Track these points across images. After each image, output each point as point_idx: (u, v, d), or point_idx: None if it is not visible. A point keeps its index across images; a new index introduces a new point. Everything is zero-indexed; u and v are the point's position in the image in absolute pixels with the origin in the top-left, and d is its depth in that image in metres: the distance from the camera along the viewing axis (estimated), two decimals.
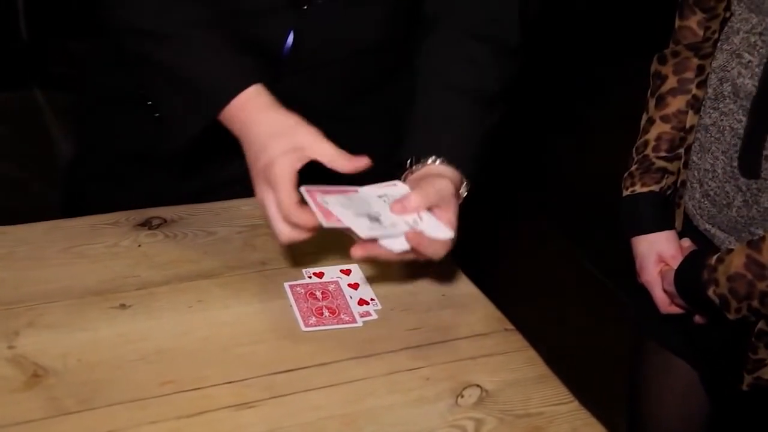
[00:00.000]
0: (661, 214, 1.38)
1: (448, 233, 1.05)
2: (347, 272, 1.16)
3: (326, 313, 1.09)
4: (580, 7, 4.31)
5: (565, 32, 3.98)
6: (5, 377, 0.94)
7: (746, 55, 1.23)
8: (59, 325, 1.01)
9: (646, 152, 1.40)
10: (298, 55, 1.21)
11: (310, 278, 1.14)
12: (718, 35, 1.29)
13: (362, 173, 1.05)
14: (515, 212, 3.16)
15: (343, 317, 1.08)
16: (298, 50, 1.21)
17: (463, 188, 1.13)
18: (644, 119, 1.42)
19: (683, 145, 1.36)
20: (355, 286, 1.14)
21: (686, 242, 1.36)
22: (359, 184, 1.08)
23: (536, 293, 2.78)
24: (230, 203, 1.28)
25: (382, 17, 1.24)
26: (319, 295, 1.11)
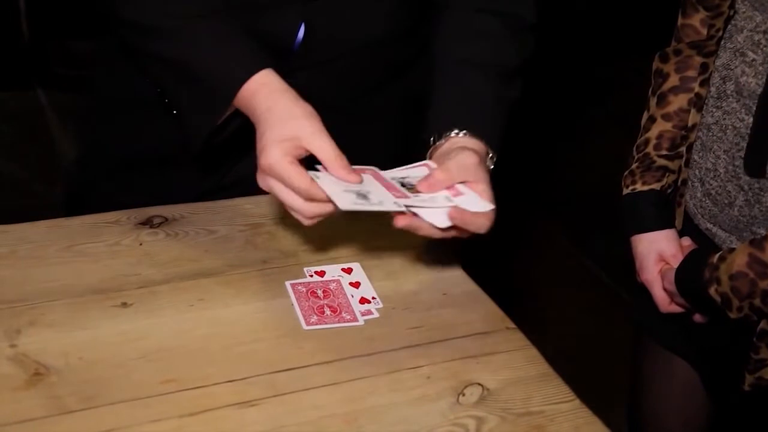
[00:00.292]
0: (661, 212, 1.38)
1: (487, 205, 1.04)
2: (348, 271, 1.16)
3: (327, 311, 1.09)
4: (580, 7, 4.31)
5: (565, 32, 3.97)
6: (7, 376, 0.94)
7: (750, 53, 1.23)
8: (61, 323, 1.01)
9: (647, 150, 1.39)
10: (308, 48, 1.21)
11: (311, 277, 1.14)
12: (722, 33, 1.28)
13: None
14: (516, 211, 3.16)
15: (344, 316, 1.08)
16: (308, 43, 1.20)
17: (489, 160, 1.13)
18: (645, 117, 1.42)
19: (684, 143, 1.36)
20: (356, 284, 1.14)
21: (686, 241, 1.36)
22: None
23: (537, 292, 2.78)
24: (231, 202, 1.28)
25: (391, 9, 1.24)
26: (320, 293, 1.11)
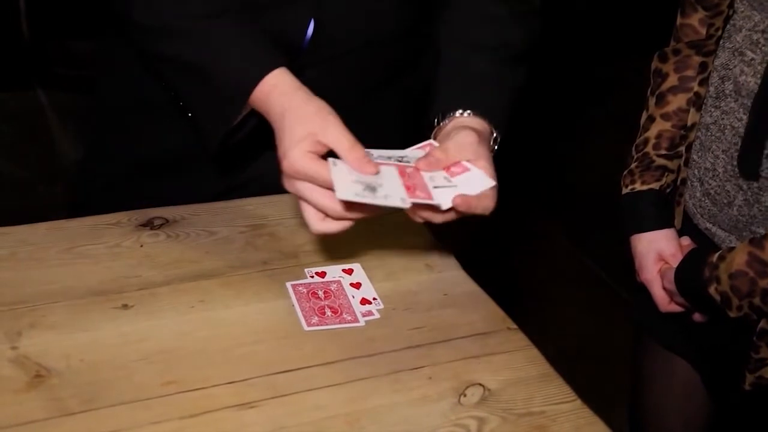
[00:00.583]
0: (660, 212, 1.38)
1: (489, 182, 1.03)
2: (349, 272, 1.16)
3: (328, 312, 1.09)
4: (580, 7, 4.31)
5: (565, 32, 3.97)
6: (8, 378, 0.94)
7: (748, 52, 1.23)
8: (61, 325, 1.01)
9: (646, 150, 1.39)
10: (318, 45, 1.20)
11: (312, 278, 1.14)
12: (721, 32, 1.28)
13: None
14: (517, 211, 3.16)
15: (345, 317, 1.08)
16: (318, 40, 1.20)
17: (493, 140, 1.13)
18: (644, 117, 1.42)
19: (683, 143, 1.36)
20: (357, 285, 1.14)
21: (686, 241, 1.36)
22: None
23: (538, 292, 2.78)
24: (232, 203, 1.28)
25: (399, 5, 1.24)
26: (321, 294, 1.11)
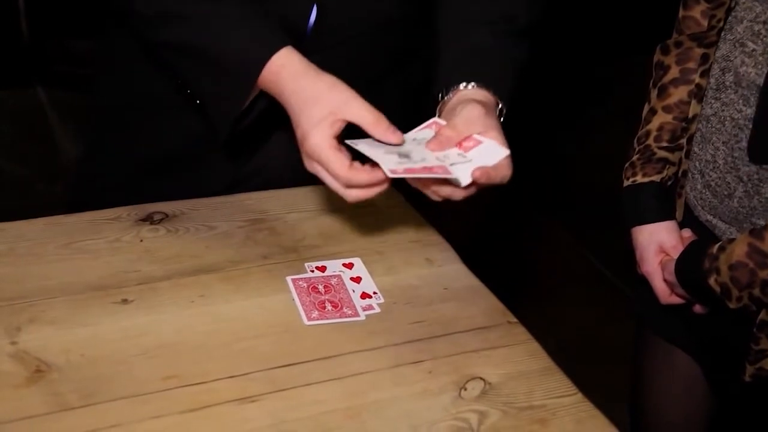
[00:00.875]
0: (662, 204, 1.38)
1: (503, 151, 1.05)
2: (349, 266, 1.16)
3: (329, 306, 1.08)
4: (580, 5, 4.30)
5: (565, 31, 3.97)
6: (8, 373, 0.93)
7: (750, 43, 1.23)
8: (61, 320, 1.01)
9: (647, 142, 1.39)
10: (320, 31, 1.20)
11: (312, 272, 1.14)
12: (722, 24, 1.28)
13: None
14: (518, 206, 3.16)
15: (345, 311, 1.08)
16: (320, 26, 1.19)
17: (498, 111, 1.13)
18: (646, 109, 1.42)
19: (685, 135, 1.36)
20: (357, 279, 1.14)
21: (687, 233, 1.36)
22: None
23: (539, 286, 2.78)
24: (232, 198, 1.28)
25: None
26: (321, 288, 1.11)
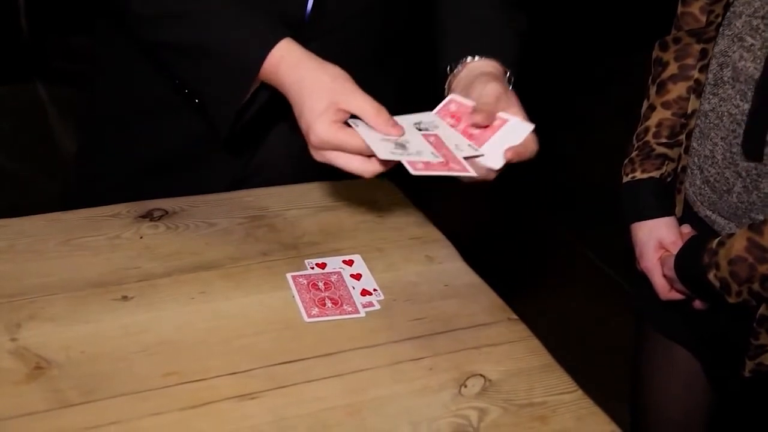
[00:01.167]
0: (661, 200, 1.38)
1: (528, 126, 1.07)
2: (350, 263, 1.16)
3: (329, 303, 1.08)
4: (580, 2, 4.30)
5: (565, 27, 3.97)
6: (8, 369, 0.93)
7: (748, 38, 1.23)
8: (61, 317, 1.01)
9: (646, 138, 1.39)
10: (318, 17, 1.20)
11: (312, 269, 1.14)
12: (721, 19, 1.28)
13: None
14: (518, 203, 3.16)
15: (345, 308, 1.08)
16: (318, 12, 1.19)
17: (507, 80, 1.14)
18: (645, 106, 1.42)
19: (684, 131, 1.36)
20: (357, 276, 1.14)
21: (686, 228, 1.36)
22: None
23: (539, 283, 2.78)
24: (232, 195, 1.28)
25: None
26: (321, 285, 1.11)
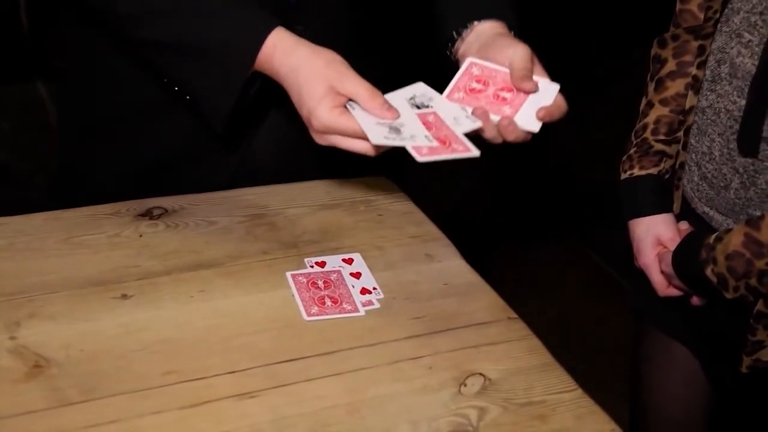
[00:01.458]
0: (659, 197, 1.38)
1: (555, 86, 1.13)
2: (349, 261, 1.16)
3: (328, 302, 1.08)
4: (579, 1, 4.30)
5: (564, 26, 3.96)
6: (7, 368, 0.93)
7: (746, 34, 1.23)
8: (60, 315, 1.01)
9: (644, 135, 1.40)
10: (305, 0, 1.20)
11: (311, 267, 1.14)
12: (719, 15, 1.28)
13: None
14: (517, 201, 3.16)
15: (345, 306, 1.08)
16: None
17: None
18: (643, 103, 1.42)
19: (682, 128, 1.36)
20: (357, 275, 1.14)
21: (684, 225, 1.36)
22: None
23: (539, 282, 2.78)
24: (231, 193, 1.28)
25: None
26: (321, 284, 1.11)
